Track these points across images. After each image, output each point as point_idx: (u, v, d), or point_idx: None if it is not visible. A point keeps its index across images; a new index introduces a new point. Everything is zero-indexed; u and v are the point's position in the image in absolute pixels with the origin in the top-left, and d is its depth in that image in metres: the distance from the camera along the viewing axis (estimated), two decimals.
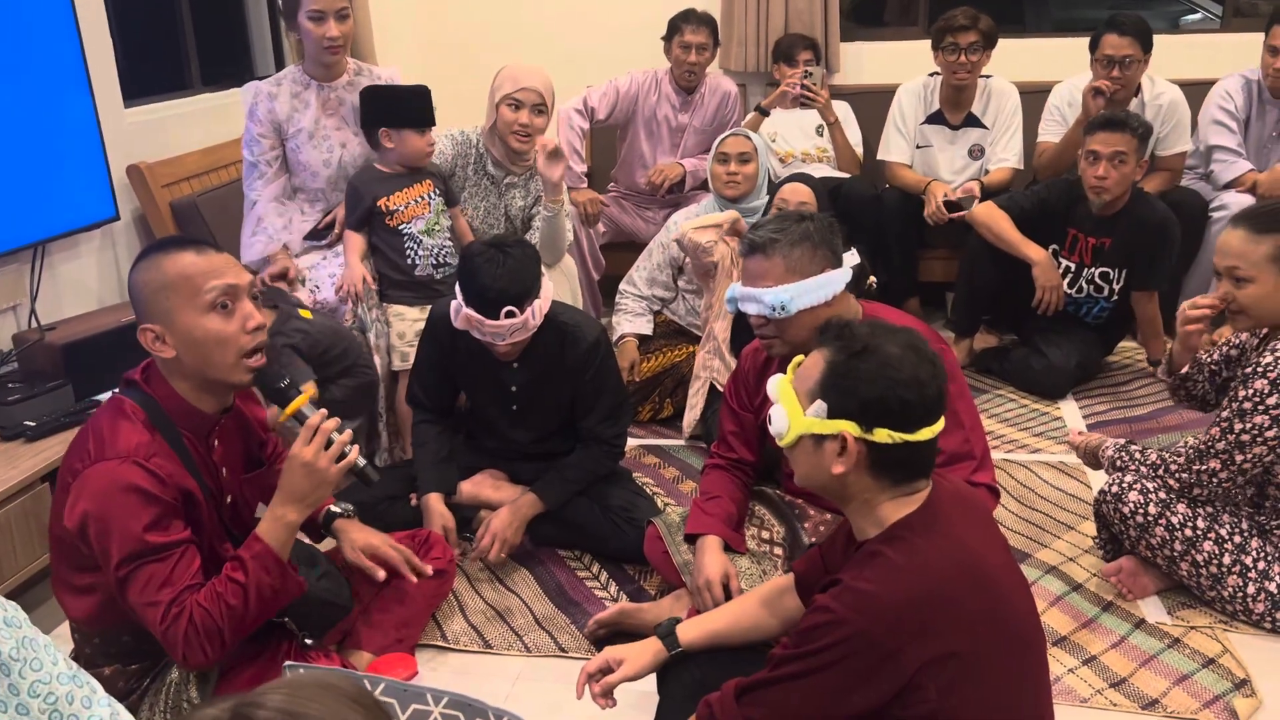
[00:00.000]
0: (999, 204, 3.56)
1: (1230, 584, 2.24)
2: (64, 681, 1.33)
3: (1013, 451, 3.17)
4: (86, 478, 1.70)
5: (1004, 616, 1.42)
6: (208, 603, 1.71)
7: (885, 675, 1.36)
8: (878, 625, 1.35)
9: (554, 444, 2.72)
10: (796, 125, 4.24)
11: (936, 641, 1.35)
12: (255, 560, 1.76)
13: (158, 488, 1.70)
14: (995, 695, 1.40)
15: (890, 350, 1.43)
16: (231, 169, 3.77)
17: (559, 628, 2.38)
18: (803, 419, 1.46)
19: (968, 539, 1.44)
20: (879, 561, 1.40)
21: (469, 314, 2.40)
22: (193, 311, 1.74)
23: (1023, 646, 1.45)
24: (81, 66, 3.06)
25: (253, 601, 1.75)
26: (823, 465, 1.45)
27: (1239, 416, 2.17)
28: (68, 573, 1.83)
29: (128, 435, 1.72)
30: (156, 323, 1.74)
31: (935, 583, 1.37)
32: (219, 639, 1.71)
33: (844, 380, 1.43)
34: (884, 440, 1.41)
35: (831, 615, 1.38)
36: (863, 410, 1.41)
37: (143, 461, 1.70)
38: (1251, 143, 3.91)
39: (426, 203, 3.04)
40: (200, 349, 1.75)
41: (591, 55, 4.73)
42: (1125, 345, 3.87)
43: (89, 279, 3.29)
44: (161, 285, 1.73)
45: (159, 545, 1.70)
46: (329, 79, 3.13)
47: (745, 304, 2.12)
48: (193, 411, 1.81)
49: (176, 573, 1.71)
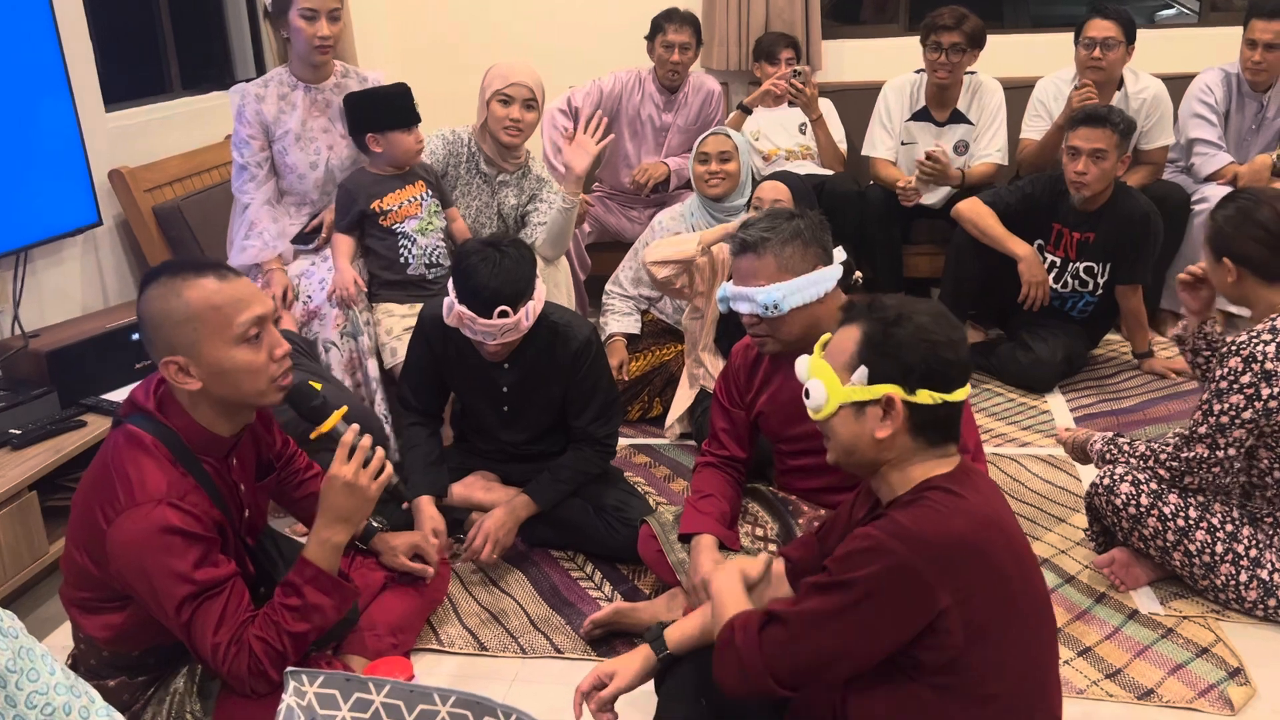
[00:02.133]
0: (984, 199, 3.58)
1: (1223, 573, 2.26)
2: (61, 692, 1.31)
3: (1001, 445, 3.19)
4: (121, 527, 1.66)
5: (1028, 579, 1.48)
6: (264, 633, 1.73)
7: (918, 610, 1.39)
8: (920, 556, 1.38)
9: (545, 445, 2.71)
10: (780, 123, 4.24)
11: (970, 583, 1.39)
12: (310, 584, 1.78)
13: (196, 525, 1.68)
14: (1016, 654, 1.45)
15: (922, 317, 1.49)
16: (214, 173, 3.74)
17: (554, 629, 2.37)
18: (842, 389, 1.50)
19: (995, 502, 1.50)
20: (922, 503, 1.45)
21: (461, 311, 2.39)
22: (221, 344, 1.70)
23: (1041, 615, 1.51)
24: (61, 71, 3.02)
25: (315, 622, 1.78)
26: (864, 432, 1.49)
27: (1216, 397, 2.19)
28: (87, 597, 1.80)
29: (155, 476, 1.68)
30: (180, 354, 1.69)
31: (973, 528, 1.42)
32: (282, 664, 1.72)
33: (884, 346, 1.48)
34: (926, 401, 1.47)
35: (874, 541, 1.41)
36: (905, 373, 1.47)
37: (177, 502, 1.67)
38: (1231, 135, 3.95)
39: (419, 203, 3.03)
40: (229, 379, 1.72)
41: (574, 55, 4.72)
42: (1111, 338, 3.90)
43: (72, 285, 3.26)
44: (186, 317, 1.68)
45: (211, 582, 1.69)
46: (316, 80, 3.11)
47: (737, 303, 2.12)
48: (214, 440, 1.79)
49: (229, 609, 1.71)
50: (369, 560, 2.27)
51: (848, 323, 1.55)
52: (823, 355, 1.57)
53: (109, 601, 1.78)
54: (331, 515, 1.80)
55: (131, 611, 1.77)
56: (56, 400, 2.71)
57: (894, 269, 4.07)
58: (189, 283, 1.70)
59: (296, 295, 3.02)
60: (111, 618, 1.79)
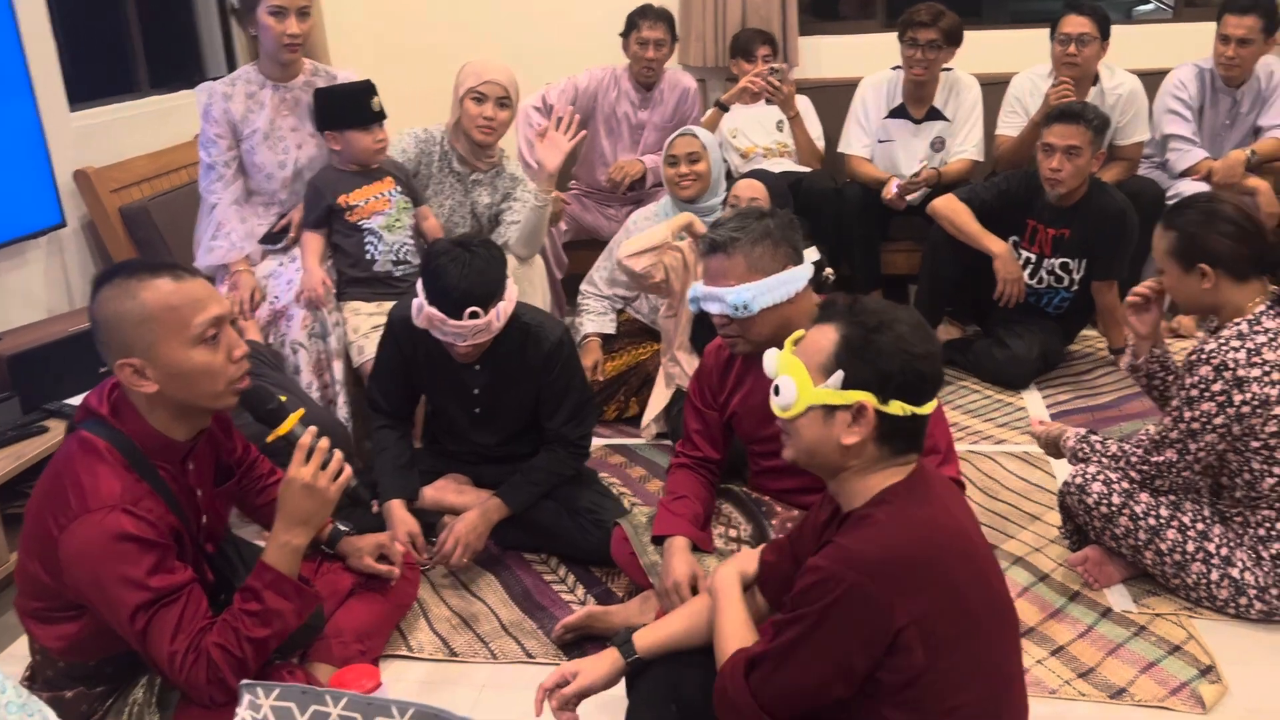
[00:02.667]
0: (959, 196, 3.57)
1: (1194, 571, 2.26)
2: (13, 711, 1.28)
3: (977, 443, 3.18)
4: (73, 534, 1.63)
5: (986, 586, 1.46)
6: (223, 639, 1.70)
7: (878, 630, 1.38)
8: (869, 578, 1.37)
9: (518, 446, 2.68)
10: (757, 120, 4.22)
11: (925, 599, 1.38)
12: (270, 589, 1.75)
13: (150, 532, 1.65)
14: (978, 664, 1.44)
15: (903, 327, 1.47)
16: (182, 173, 3.70)
17: (526, 633, 2.35)
18: (814, 390, 1.48)
19: (952, 509, 1.49)
20: (869, 522, 1.44)
21: (431, 313, 2.36)
22: (179, 345, 1.67)
23: (1002, 620, 1.50)
24: (23, 69, 2.98)
25: (275, 627, 1.75)
26: (831, 436, 1.48)
27: (1187, 404, 2.19)
28: (42, 608, 1.77)
29: (108, 482, 1.65)
30: (136, 356, 1.66)
31: (924, 541, 1.41)
32: (242, 672, 1.69)
33: (865, 352, 1.46)
34: (897, 412, 1.45)
35: (824, 573, 1.40)
36: (882, 382, 1.45)
37: (131, 508, 1.64)
38: (1206, 131, 3.95)
39: (387, 199, 3.00)
40: (186, 381, 1.70)
41: (548, 53, 4.68)
42: (1086, 334, 3.90)
43: (36, 288, 3.21)
44: (142, 318, 1.65)
45: (167, 589, 1.66)
46: (285, 79, 3.07)
47: (708, 303, 2.10)
48: (169, 444, 1.76)
49: (185, 616, 1.68)
50: (335, 565, 2.24)
51: (824, 321, 1.52)
52: (794, 352, 1.54)
53: (63, 611, 1.75)
54: (291, 518, 1.78)
55: (86, 621, 1.74)
56: (18, 405, 2.67)
57: (871, 266, 4.06)
58: (144, 283, 1.67)
59: (264, 297, 2.98)
60: (66, 628, 1.76)
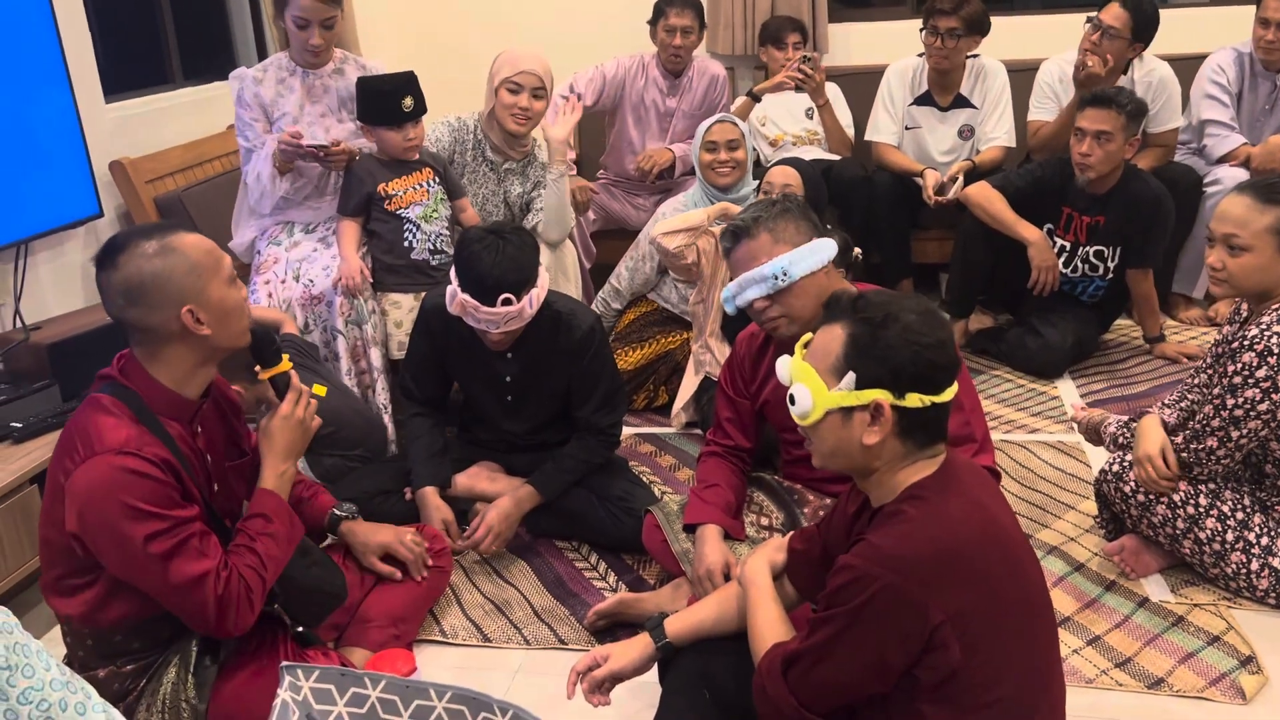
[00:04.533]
0: (993, 184, 3.53)
1: (1234, 561, 2.23)
2: (57, 688, 1.30)
3: (1011, 432, 3.16)
4: (81, 476, 1.68)
5: (1020, 576, 1.44)
6: (249, 560, 1.79)
7: (914, 628, 1.37)
8: (903, 577, 1.36)
9: (549, 434, 2.69)
10: (786, 108, 4.20)
11: (959, 594, 1.37)
12: (275, 514, 1.87)
13: (156, 471, 1.70)
14: (1014, 656, 1.42)
15: (909, 317, 1.45)
16: (216, 163, 3.73)
17: (558, 619, 2.36)
18: (829, 394, 1.46)
19: (984, 501, 1.47)
20: (900, 519, 1.42)
21: (465, 300, 2.37)
22: (220, 285, 1.79)
23: (1037, 610, 1.48)
24: (60, 62, 3.01)
25: (284, 550, 1.87)
26: (852, 437, 1.46)
27: (1230, 392, 2.15)
28: (59, 575, 1.81)
29: (115, 430, 1.70)
30: (189, 302, 1.74)
31: (956, 537, 1.39)
32: (262, 593, 1.81)
33: (873, 349, 1.44)
34: (915, 404, 1.43)
35: (856, 572, 1.39)
36: (895, 377, 1.43)
37: (136, 451, 1.69)
38: (1244, 116, 3.89)
39: (425, 190, 3.02)
40: (227, 319, 1.80)
41: (576, 41, 4.68)
42: (1121, 323, 3.85)
43: (73, 277, 3.25)
44: (190, 266, 1.75)
45: (180, 519, 1.72)
46: (314, 66, 3.11)
47: (745, 291, 2.08)
48: (176, 400, 1.81)
49: (205, 544, 1.75)
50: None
51: (830, 321, 1.50)
52: (805, 357, 1.52)
53: (79, 576, 1.78)
54: (284, 450, 1.93)
55: (102, 584, 1.78)
56: (58, 393, 2.70)
57: (902, 254, 4.03)
58: (173, 238, 1.76)
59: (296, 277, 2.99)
60: (85, 595, 1.79)
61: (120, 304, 1.74)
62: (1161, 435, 2.26)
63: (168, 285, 1.73)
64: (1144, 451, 2.26)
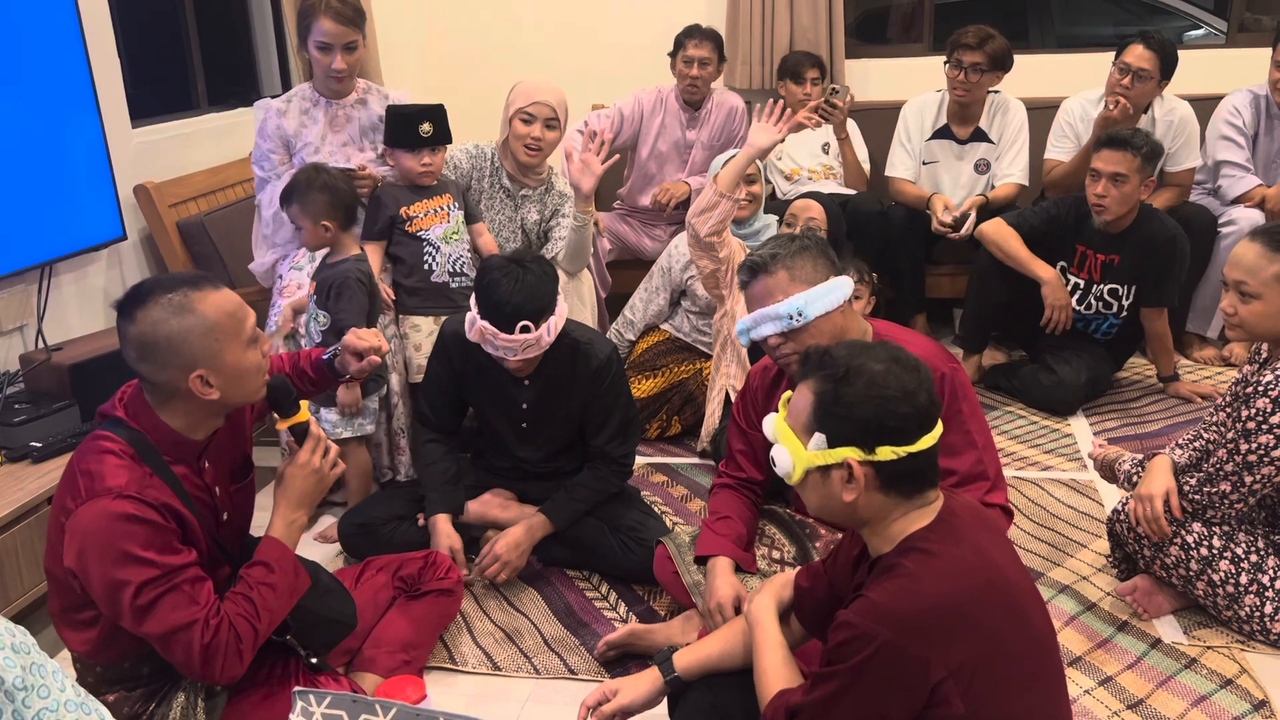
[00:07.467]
0: (1008, 220, 3.55)
1: (1247, 604, 2.22)
2: (71, 709, 1.31)
3: (1024, 469, 3.15)
4: (81, 516, 1.67)
5: (1024, 625, 1.42)
6: (242, 609, 1.75)
7: (915, 685, 1.35)
8: (902, 635, 1.35)
9: (562, 463, 2.70)
10: (802, 143, 4.23)
11: (961, 648, 1.35)
12: (278, 564, 1.83)
13: (156, 516, 1.69)
14: (1020, 704, 1.40)
15: (873, 368, 1.44)
16: (239, 188, 3.77)
17: (569, 649, 2.36)
18: (805, 454, 1.46)
19: (984, 547, 1.44)
20: (898, 572, 1.40)
21: (483, 326, 2.39)
22: (238, 348, 1.76)
23: (1043, 657, 1.46)
24: (89, 86, 3.06)
25: (283, 601, 1.83)
26: (833, 495, 1.46)
27: (1244, 437, 2.15)
28: (64, 607, 1.81)
29: (116, 472, 1.69)
30: (201, 366, 1.72)
31: (955, 589, 1.37)
32: (254, 645, 1.76)
33: (835, 408, 1.43)
34: (888, 457, 1.41)
35: (855, 630, 1.38)
36: (862, 433, 1.42)
37: (136, 495, 1.68)
38: (1260, 158, 3.90)
39: (446, 213, 3.06)
40: (242, 381, 1.78)
41: (596, 74, 4.73)
42: (1135, 361, 3.85)
43: (96, 299, 3.29)
44: (207, 329, 1.72)
45: (174, 566, 1.69)
46: (337, 96, 3.15)
47: (760, 326, 2.08)
48: (183, 442, 1.80)
49: (197, 591, 1.71)
50: (375, 575, 2.28)
51: (803, 378, 1.50)
52: (785, 416, 1.52)
53: (80, 611, 1.78)
54: (297, 499, 1.89)
55: (103, 622, 1.77)
56: (78, 414, 2.73)
57: (916, 288, 4.05)
58: (196, 296, 1.73)
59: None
60: (88, 632, 1.79)
61: (132, 356, 1.73)
62: (1169, 480, 2.26)
63: (181, 348, 1.71)
64: (1146, 490, 2.27)
